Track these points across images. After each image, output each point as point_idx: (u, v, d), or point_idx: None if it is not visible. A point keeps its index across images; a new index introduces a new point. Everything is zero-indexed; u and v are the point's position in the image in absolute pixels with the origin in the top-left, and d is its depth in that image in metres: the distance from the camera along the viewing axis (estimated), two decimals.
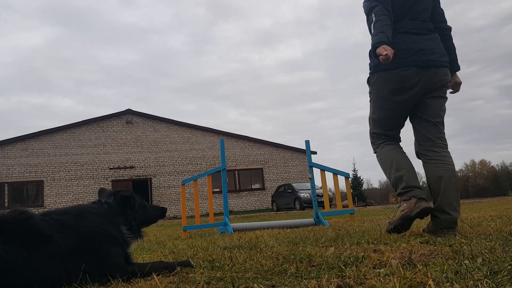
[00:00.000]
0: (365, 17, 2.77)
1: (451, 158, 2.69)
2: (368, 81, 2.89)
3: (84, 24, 68.56)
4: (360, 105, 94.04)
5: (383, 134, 2.87)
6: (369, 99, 2.92)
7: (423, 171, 2.76)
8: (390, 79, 2.69)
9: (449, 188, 2.55)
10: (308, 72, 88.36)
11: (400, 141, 2.92)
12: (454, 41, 2.91)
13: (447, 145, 2.74)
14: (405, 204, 2.58)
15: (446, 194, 2.55)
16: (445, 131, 2.75)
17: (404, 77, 2.63)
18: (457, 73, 2.91)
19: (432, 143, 2.69)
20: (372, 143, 2.96)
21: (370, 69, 2.82)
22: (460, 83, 2.93)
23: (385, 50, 2.44)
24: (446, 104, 2.78)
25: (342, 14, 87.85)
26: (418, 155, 2.80)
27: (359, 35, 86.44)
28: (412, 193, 2.58)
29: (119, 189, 1.96)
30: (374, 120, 2.89)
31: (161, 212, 2.12)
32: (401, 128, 2.90)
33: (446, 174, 2.59)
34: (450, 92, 2.95)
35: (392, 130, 2.86)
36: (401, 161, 2.72)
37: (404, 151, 2.85)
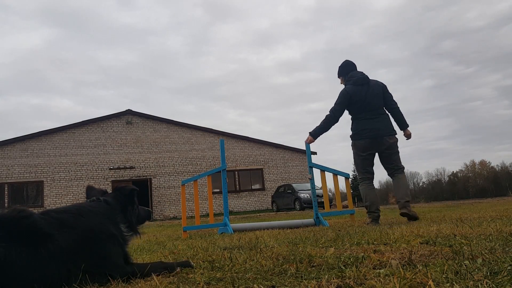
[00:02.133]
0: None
1: (404, 176, 4.80)
2: (351, 144, 4.96)
3: (82, 25, 68.63)
4: None
5: (361, 173, 4.86)
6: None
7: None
8: (356, 145, 4.83)
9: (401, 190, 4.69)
10: (307, 72, 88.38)
11: (373, 174, 4.86)
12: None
13: (402, 171, 4.79)
14: (370, 219, 4.69)
15: (401, 192, 4.65)
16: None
17: (362, 144, 4.76)
18: (408, 128, 4.99)
19: (393, 170, 4.80)
20: (358, 176, 4.97)
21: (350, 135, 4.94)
22: (410, 134, 4.99)
23: (308, 138, 4.98)
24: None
25: (339, 15, 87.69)
26: (390, 176, 4.89)
27: (356, 36, 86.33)
28: (371, 216, 4.69)
29: (123, 185, 1.97)
30: (355, 165, 4.93)
31: (148, 214, 2.13)
32: (372, 168, 4.85)
33: (399, 183, 4.69)
34: (406, 139, 5.07)
35: (366, 169, 4.81)
36: (368, 195, 4.76)
37: (373, 185, 4.87)
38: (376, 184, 4.98)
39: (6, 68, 71.83)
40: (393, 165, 4.76)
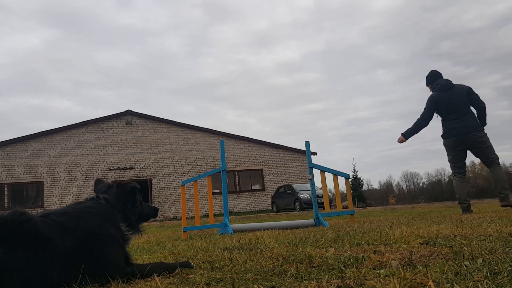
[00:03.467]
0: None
1: (498, 169, 5.34)
2: (443, 143, 5.67)
3: (81, 25, 68.29)
4: (358, 106, 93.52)
5: (453, 168, 5.55)
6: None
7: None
8: (446, 143, 5.57)
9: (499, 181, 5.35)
10: (306, 73, 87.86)
11: (465, 169, 5.53)
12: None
13: (496, 164, 5.37)
14: (461, 209, 5.48)
15: (498, 186, 5.32)
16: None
17: (451, 142, 5.50)
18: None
19: (487, 163, 5.44)
20: (452, 171, 5.63)
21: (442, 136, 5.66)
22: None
23: (400, 138, 5.74)
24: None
25: (338, 16, 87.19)
26: (487, 167, 5.52)
27: (355, 37, 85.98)
28: (461, 207, 5.46)
29: (125, 181, 1.95)
30: (449, 161, 5.61)
31: (154, 211, 2.13)
32: (462, 163, 5.51)
33: (495, 177, 5.32)
34: None
35: (457, 164, 5.51)
36: (457, 188, 5.48)
37: (464, 179, 5.54)
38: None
39: (5, 69, 71.65)
40: (487, 157, 5.37)
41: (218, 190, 20.57)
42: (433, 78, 5.82)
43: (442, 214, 5.81)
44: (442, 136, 5.63)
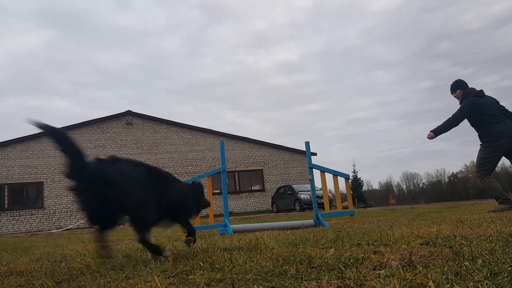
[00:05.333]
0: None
1: None
2: (481, 145, 5.66)
3: (79, 26, 68.41)
4: (357, 107, 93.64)
5: (487, 170, 5.52)
6: (479, 151, 5.69)
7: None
8: (495, 145, 5.46)
9: None
10: (304, 74, 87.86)
11: (492, 172, 5.58)
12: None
13: None
14: (503, 205, 5.32)
15: None
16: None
17: (504, 143, 5.42)
18: None
19: None
20: (478, 174, 5.62)
21: (483, 140, 5.63)
22: None
23: (429, 134, 5.67)
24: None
25: (336, 17, 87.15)
26: None
27: (353, 38, 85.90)
28: (510, 203, 5.32)
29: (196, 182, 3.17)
30: (482, 164, 5.56)
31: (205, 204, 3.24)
32: (495, 168, 5.64)
33: None
34: None
35: (494, 166, 5.58)
36: (495, 186, 5.46)
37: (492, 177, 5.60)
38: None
39: (4, 69, 71.68)
40: None
41: (218, 191, 20.56)
42: (464, 85, 5.88)
43: (442, 215, 5.81)
44: (489, 139, 5.53)
